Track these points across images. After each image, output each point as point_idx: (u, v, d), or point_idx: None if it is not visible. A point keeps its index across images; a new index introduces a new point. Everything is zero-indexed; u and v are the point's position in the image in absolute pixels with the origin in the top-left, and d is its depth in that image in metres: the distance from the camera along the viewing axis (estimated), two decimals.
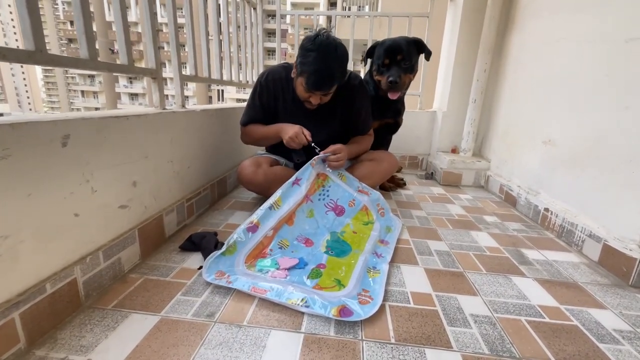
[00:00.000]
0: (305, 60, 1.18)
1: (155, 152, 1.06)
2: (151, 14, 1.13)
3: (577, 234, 1.23)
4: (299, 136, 1.27)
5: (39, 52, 0.71)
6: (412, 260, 1.10)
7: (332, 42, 1.18)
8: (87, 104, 36.50)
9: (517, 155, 1.79)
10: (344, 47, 1.22)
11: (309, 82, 1.19)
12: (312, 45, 1.17)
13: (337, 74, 1.21)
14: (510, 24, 1.93)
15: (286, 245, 1.10)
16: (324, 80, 1.20)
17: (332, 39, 1.19)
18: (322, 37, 1.18)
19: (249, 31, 2.28)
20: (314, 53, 1.16)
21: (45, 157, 0.68)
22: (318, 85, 1.20)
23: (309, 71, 1.18)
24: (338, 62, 1.19)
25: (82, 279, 0.78)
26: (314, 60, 1.16)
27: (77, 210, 0.76)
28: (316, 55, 1.16)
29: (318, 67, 1.17)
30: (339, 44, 1.20)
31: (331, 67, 1.18)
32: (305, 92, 1.24)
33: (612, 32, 1.18)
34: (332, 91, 1.26)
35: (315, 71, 1.17)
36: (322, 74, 1.18)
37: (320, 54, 1.16)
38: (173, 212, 1.18)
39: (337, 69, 1.20)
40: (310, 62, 1.17)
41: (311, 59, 1.17)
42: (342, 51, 1.20)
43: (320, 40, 1.17)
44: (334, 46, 1.18)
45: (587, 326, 0.80)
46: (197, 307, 0.80)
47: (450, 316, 0.81)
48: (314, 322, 0.77)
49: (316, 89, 1.21)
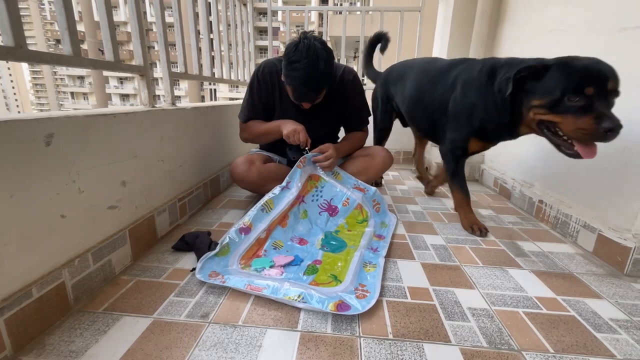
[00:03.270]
0: (289, 73, 1.16)
1: (145, 151, 1.04)
2: (138, 10, 1.10)
3: (572, 224, 1.24)
4: (295, 134, 1.27)
5: (19, 47, 0.68)
6: (409, 255, 1.09)
7: (314, 51, 1.12)
8: (76, 106, 35.95)
9: (510, 147, 1.78)
10: (327, 52, 1.16)
11: (295, 95, 1.21)
12: (294, 55, 1.13)
13: (324, 82, 1.19)
14: (502, 16, 1.93)
15: (280, 245, 1.09)
16: (309, 92, 1.19)
17: (313, 47, 1.12)
18: (303, 45, 1.12)
19: (240, 29, 2.25)
20: (297, 65, 1.12)
21: (28, 156, 0.65)
22: (304, 97, 1.21)
23: (294, 85, 1.17)
24: (322, 71, 1.14)
25: (71, 282, 0.76)
26: (298, 75, 1.13)
27: (63, 212, 0.74)
28: (299, 68, 1.12)
29: (302, 80, 1.15)
30: (321, 50, 1.13)
31: (315, 79, 1.15)
32: (295, 99, 1.25)
33: (604, 22, 1.18)
34: (322, 95, 1.25)
35: (300, 84, 1.16)
36: (306, 86, 1.17)
37: (303, 65, 1.12)
38: (165, 212, 1.16)
39: (322, 78, 1.17)
40: (295, 76, 1.15)
41: (295, 73, 1.14)
42: (324, 59, 1.14)
43: (302, 49, 1.12)
44: (315, 57, 1.12)
45: (584, 316, 0.80)
46: (191, 308, 0.79)
47: (448, 310, 0.81)
48: (311, 320, 0.76)
49: (302, 101, 1.23)
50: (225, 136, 1.76)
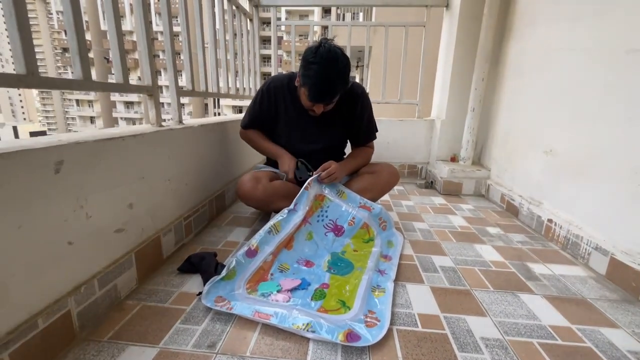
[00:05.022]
0: (307, 72, 1.19)
1: (152, 171, 1.04)
2: (147, 31, 1.11)
3: (583, 246, 1.21)
4: (289, 173, 1.36)
5: (31, 75, 0.68)
6: (417, 278, 1.07)
7: (334, 55, 1.17)
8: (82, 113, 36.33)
9: (517, 164, 1.78)
10: (346, 58, 1.21)
11: (311, 94, 1.21)
12: (313, 57, 1.17)
13: (339, 86, 1.21)
14: (508, 32, 1.94)
15: (287, 268, 1.07)
16: (326, 93, 1.20)
17: (333, 50, 1.18)
18: (323, 48, 1.17)
19: (245, 39, 2.27)
20: (316, 66, 1.16)
21: (38, 185, 0.65)
22: (320, 97, 1.21)
23: (311, 84, 1.19)
24: (339, 74, 1.19)
25: (77, 310, 0.74)
26: (316, 74, 1.17)
27: (71, 238, 0.73)
28: (318, 69, 1.16)
29: (319, 80, 1.17)
30: (341, 55, 1.19)
31: (333, 80, 1.18)
32: (309, 102, 1.25)
33: (611, 43, 1.18)
34: (335, 100, 1.27)
35: (316, 84, 1.18)
36: (323, 86, 1.18)
37: (322, 66, 1.16)
38: (171, 232, 1.15)
39: (338, 82, 1.20)
40: (312, 75, 1.17)
41: (312, 72, 1.17)
42: (343, 62, 1.20)
43: (322, 53, 1.16)
44: (335, 59, 1.17)
45: (600, 348, 0.78)
46: (198, 337, 0.77)
47: (460, 340, 0.79)
48: (320, 351, 0.74)
49: (318, 101, 1.22)
50: (231, 152, 1.76)
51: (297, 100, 1.37)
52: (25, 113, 51.69)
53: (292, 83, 1.38)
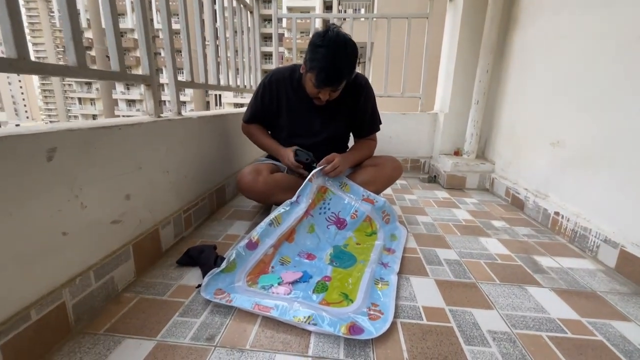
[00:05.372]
0: (315, 56, 1.17)
1: (149, 162, 1.01)
2: (144, 19, 1.08)
3: (591, 238, 1.18)
4: (289, 157, 1.33)
5: (22, 59, 0.66)
6: (422, 271, 1.05)
7: (342, 39, 1.16)
8: (84, 111, 36.42)
9: (522, 157, 1.74)
10: (353, 43, 1.19)
11: (319, 79, 1.18)
12: (321, 41, 1.15)
13: (346, 70, 1.19)
14: (512, 22, 1.90)
15: (288, 261, 1.05)
16: (333, 77, 1.18)
17: (341, 35, 1.16)
18: (332, 33, 1.15)
19: (246, 36, 2.24)
20: (324, 49, 1.14)
21: (29, 173, 0.63)
22: (327, 81, 1.18)
23: (318, 67, 1.16)
24: (347, 58, 1.17)
25: (72, 302, 0.72)
26: (323, 57, 1.14)
27: (65, 229, 0.71)
28: (325, 52, 1.14)
29: (327, 64, 1.15)
30: (349, 40, 1.17)
31: (340, 64, 1.16)
32: (315, 88, 1.23)
33: (620, 30, 1.14)
34: (341, 87, 1.24)
35: (324, 68, 1.15)
36: (331, 70, 1.16)
37: (330, 50, 1.14)
38: (170, 224, 1.13)
39: (346, 66, 1.18)
40: (319, 59, 1.15)
41: (320, 56, 1.15)
42: (351, 47, 1.18)
43: (330, 37, 1.14)
44: (343, 43, 1.15)
45: (612, 341, 0.75)
46: (196, 330, 0.75)
47: (466, 333, 0.76)
48: (322, 344, 0.72)
49: (325, 85, 1.20)
50: (231, 145, 1.74)
51: (300, 92, 1.35)
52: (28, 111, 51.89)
53: (295, 74, 1.37)
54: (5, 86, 51.55)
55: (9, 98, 51.74)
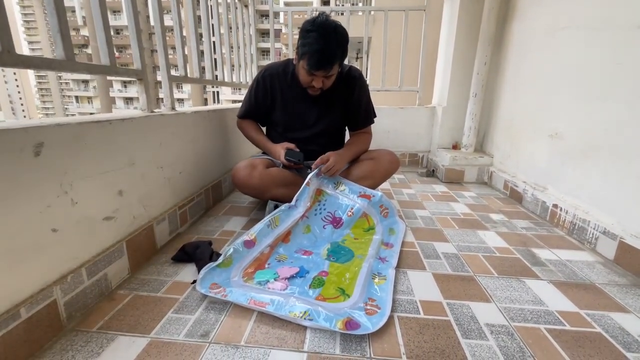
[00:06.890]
0: (306, 41, 1.16)
1: (143, 158, 1.00)
2: (135, 12, 1.06)
3: (590, 230, 1.18)
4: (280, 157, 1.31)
5: (7, 52, 0.64)
6: (419, 264, 1.04)
7: (332, 23, 1.16)
8: (81, 110, 36.26)
9: (521, 149, 1.73)
10: (343, 27, 1.18)
11: (311, 62, 1.16)
12: (311, 26, 1.15)
13: (338, 52, 1.17)
14: (511, 12, 1.87)
15: (284, 258, 1.04)
16: (325, 59, 1.16)
17: (331, 20, 1.17)
18: (321, 18, 1.16)
19: (242, 32, 2.21)
20: (315, 33, 1.14)
21: (16, 168, 0.61)
22: (319, 64, 1.17)
23: (310, 51, 1.15)
24: (338, 40, 1.16)
25: (63, 299, 0.71)
26: (314, 40, 1.14)
27: (55, 225, 0.70)
28: (316, 35, 1.14)
29: (318, 47, 1.14)
30: (338, 25, 1.17)
31: (332, 46, 1.15)
32: (308, 75, 1.22)
33: (621, 18, 1.13)
34: (334, 73, 1.23)
35: (316, 51, 1.14)
36: (323, 53, 1.15)
37: (320, 33, 1.14)
38: (164, 220, 1.12)
39: (337, 48, 1.17)
40: (310, 42, 1.15)
41: (311, 39, 1.14)
42: (341, 30, 1.17)
43: (320, 21, 1.15)
44: (333, 26, 1.15)
45: (611, 333, 0.75)
46: (190, 326, 0.74)
47: (464, 327, 0.75)
48: (318, 339, 0.71)
49: (318, 69, 1.18)
50: (227, 140, 1.72)
51: (295, 85, 1.33)
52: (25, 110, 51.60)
53: (288, 69, 1.36)
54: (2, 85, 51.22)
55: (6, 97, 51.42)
